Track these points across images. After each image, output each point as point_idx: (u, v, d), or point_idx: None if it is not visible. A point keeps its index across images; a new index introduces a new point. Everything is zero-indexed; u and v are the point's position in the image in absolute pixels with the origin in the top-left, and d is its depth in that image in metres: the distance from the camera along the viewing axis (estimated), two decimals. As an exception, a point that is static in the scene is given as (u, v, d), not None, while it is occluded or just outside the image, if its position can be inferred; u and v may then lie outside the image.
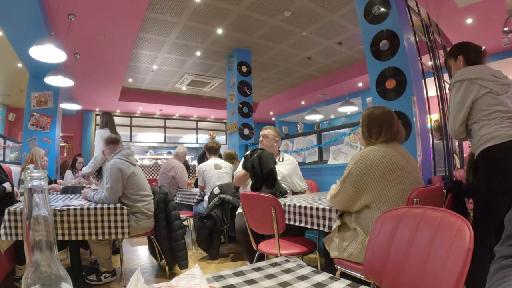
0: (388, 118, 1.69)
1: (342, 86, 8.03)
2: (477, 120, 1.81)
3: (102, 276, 2.48)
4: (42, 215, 0.43)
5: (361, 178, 1.53)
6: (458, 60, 2.03)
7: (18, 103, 8.19)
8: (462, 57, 2.00)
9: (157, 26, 5.08)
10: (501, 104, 1.77)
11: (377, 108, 1.76)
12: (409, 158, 1.63)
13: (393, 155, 1.55)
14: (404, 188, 1.50)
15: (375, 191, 1.51)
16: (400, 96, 2.80)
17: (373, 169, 1.51)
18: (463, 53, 2.00)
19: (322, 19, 5.06)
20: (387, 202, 1.49)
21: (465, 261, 0.76)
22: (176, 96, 9.41)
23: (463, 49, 2.02)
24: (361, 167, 1.53)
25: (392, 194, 1.49)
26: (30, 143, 5.37)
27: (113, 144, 2.74)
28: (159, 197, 2.66)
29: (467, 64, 1.97)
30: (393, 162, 1.52)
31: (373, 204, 1.51)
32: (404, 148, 1.70)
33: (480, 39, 5.34)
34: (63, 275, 0.44)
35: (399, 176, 1.51)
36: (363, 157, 1.56)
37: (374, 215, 1.49)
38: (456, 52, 2.05)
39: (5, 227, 2.04)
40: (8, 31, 3.96)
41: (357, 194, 1.55)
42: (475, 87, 1.81)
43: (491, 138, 1.73)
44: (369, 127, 1.70)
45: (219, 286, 0.71)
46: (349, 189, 1.56)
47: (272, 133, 2.88)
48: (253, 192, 2.23)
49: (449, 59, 2.10)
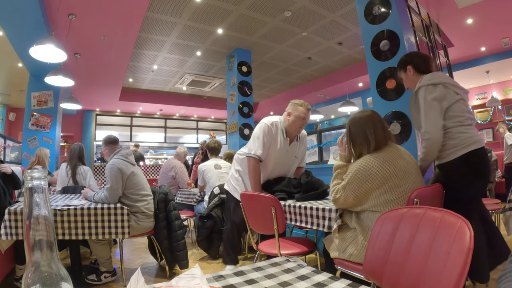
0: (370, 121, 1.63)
1: (342, 86, 8.03)
2: (454, 125, 1.83)
3: (102, 276, 2.48)
4: (42, 215, 0.43)
5: (361, 187, 1.51)
6: (408, 70, 2.08)
7: (19, 103, 8.20)
8: (412, 66, 2.05)
9: (158, 26, 5.08)
10: (469, 111, 1.87)
11: (359, 112, 1.72)
12: (408, 158, 1.60)
13: (392, 159, 1.52)
14: (406, 190, 1.49)
15: (376, 197, 1.50)
16: (400, 96, 2.80)
17: (373, 178, 1.49)
18: (411, 63, 2.06)
19: (323, 19, 5.06)
20: (389, 204, 1.48)
21: (465, 261, 0.76)
22: (176, 96, 9.42)
23: (411, 58, 2.08)
24: (361, 176, 1.51)
25: (394, 197, 1.49)
26: (30, 143, 5.38)
27: (112, 144, 2.74)
28: (159, 197, 2.66)
29: (418, 73, 2.03)
30: (393, 167, 1.50)
31: (373, 208, 1.52)
32: (401, 147, 1.67)
33: (480, 39, 5.35)
34: (63, 275, 0.44)
35: (399, 180, 1.49)
36: (363, 166, 1.53)
37: (374, 216, 1.49)
38: (405, 63, 2.09)
39: (5, 227, 2.04)
40: (8, 31, 3.96)
41: (358, 201, 1.56)
42: (449, 91, 1.84)
43: (474, 142, 1.78)
44: (352, 137, 1.67)
45: (219, 286, 0.71)
46: (349, 196, 1.56)
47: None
48: (253, 192, 2.22)
49: (399, 71, 2.15)
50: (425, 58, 2.06)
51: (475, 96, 7.77)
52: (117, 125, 10.14)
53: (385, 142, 1.60)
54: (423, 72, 1.99)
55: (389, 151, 1.57)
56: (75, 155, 3.38)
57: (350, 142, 1.70)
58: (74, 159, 3.36)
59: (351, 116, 1.76)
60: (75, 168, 3.34)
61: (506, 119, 7.08)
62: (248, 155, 2.39)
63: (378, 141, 1.59)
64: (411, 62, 2.06)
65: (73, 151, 3.41)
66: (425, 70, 2.00)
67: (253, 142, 2.41)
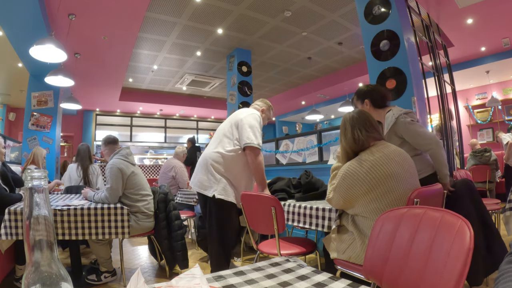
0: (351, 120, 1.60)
1: (342, 86, 8.03)
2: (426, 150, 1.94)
3: (102, 276, 2.48)
4: (42, 215, 0.43)
5: (349, 192, 1.48)
6: (365, 103, 2.12)
7: (19, 102, 8.20)
8: (369, 100, 2.10)
9: (158, 26, 5.08)
10: None
11: (346, 114, 1.69)
12: (403, 162, 1.49)
13: (383, 164, 1.44)
14: (397, 197, 1.43)
15: (364, 204, 1.47)
16: (400, 96, 2.81)
17: (359, 184, 1.44)
18: (370, 97, 2.10)
19: (323, 19, 5.06)
20: (379, 213, 1.41)
21: (465, 261, 0.76)
22: (176, 96, 9.42)
23: (370, 93, 2.12)
24: (348, 182, 1.48)
25: (383, 205, 1.42)
26: (30, 143, 5.38)
27: (112, 144, 2.74)
28: (159, 197, 2.66)
29: (374, 107, 2.10)
30: (382, 173, 1.42)
31: (364, 214, 1.49)
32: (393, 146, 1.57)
33: (480, 39, 5.35)
34: (63, 275, 0.44)
35: (390, 187, 1.42)
36: (349, 171, 1.49)
37: (368, 223, 1.46)
38: (364, 95, 2.14)
39: (5, 227, 2.04)
40: (8, 31, 3.96)
41: (348, 204, 1.54)
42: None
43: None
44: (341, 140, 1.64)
45: (219, 286, 0.71)
46: (339, 199, 1.55)
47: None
48: (253, 192, 2.22)
49: (357, 101, 2.19)
50: (384, 94, 2.12)
51: (475, 96, 7.77)
52: (117, 125, 10.14)
53: (368, 142, 1.54)
54: (379, 107, 2.09)
55: (377, 154, 1.48)
56: (86, 155, 3.41)
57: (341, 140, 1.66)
58: (85, 159, 3.40)
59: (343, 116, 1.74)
60: (87, 169, 3.37)
61: (506, 119, 7.08)
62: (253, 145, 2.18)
63: (364, 139, 1.54)
64: (370, 96, 2.11)
65: (83, 152, 3.43)
66: (381, 106, 2.09)
67: (253, 132, 2.23)
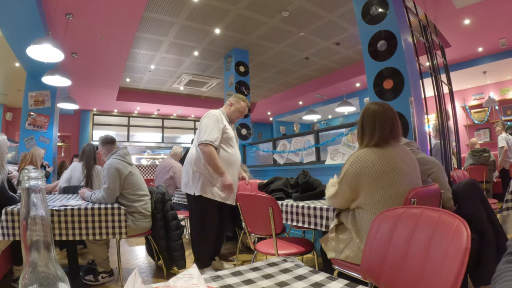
0: (382, 116, 1.61)
1: (339, 87, 8.04)
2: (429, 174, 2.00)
3: (99, 276, 2.47)
4: (39, 215, 0.43)
5: (357, 179, 1.51)
6: None
7: (16, 102, 8.14)
8: None
9: (155, 25, 5.07)
10: None
11: (375, 104, 1.68)
12: (408, 160, 1.57)
13: (390, 158, 1.51)
14: (400, 191, 1.47)
15: (369, 193, 1.49)
16: (397, 97, 2.82)
17: (368, 171, 1.49)
18: None
19: (320, 19, 5.06)
20: (382, 205, 1.46)
21: (462, 260, 0.77)
22: (173, 96, 9.39)
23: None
24: (357, 167, 1.52)
25: (387, 197, 1.47)
26: (27, 143, 5.35)
27: (110, 144, 2.73)
28: (157, 197, 2.66)
29: None
30: (388, 165, 1.49)
31: (367, 206, 1.51)
32: (405, 148, 1.65)
33: (477, 39, 5.37)
34: (60, 275, 0.44)
35: (394, 179, 1.48)
36: (359, 157, 1.54)
37: (369, 218, 1.47)
38: None
39: (2, 227, 2.03)
40: (5, 30, 3.93)
41: (355, 194, 1.55)
42: None
43: None
44: (362, 126, 1.65)
45: (217, 286, 0.71)
46: (346, 190, 1.56)
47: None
48: (251, 192, 2.22)
49: None
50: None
51: (472, 97, 7.80)
52: (114, 125, 10.10)
53: (386, 141, 1.58)
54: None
55: (389, 149, 1.55)
56: (91, 156, 3.38)
57: (360, 129, 1.67)
58: (91, 160, 3.37)
59: (366, 105, 1.72)
60: (91, 170, 3.35)
61: (503, 119, 7.12)
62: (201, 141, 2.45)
63: (382, 137, 1.57)
64: None
65: (88, 152, 3.40)
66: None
67: (204, 131, 2.49)
